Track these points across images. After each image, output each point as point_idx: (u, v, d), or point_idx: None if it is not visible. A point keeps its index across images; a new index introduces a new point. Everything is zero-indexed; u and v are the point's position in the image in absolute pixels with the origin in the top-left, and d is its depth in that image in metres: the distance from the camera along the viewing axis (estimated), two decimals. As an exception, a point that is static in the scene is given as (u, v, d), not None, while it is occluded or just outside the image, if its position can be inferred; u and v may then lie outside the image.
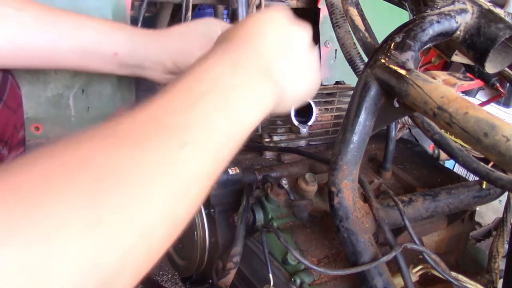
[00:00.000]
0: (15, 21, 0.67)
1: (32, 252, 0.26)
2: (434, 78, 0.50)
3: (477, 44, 0.55)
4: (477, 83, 0.98)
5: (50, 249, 0.27)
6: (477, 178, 0.66)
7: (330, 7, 0.71)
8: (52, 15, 0.70)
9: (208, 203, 0.74)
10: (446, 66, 1.45)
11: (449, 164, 1.42)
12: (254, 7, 1.03)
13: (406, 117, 0.89)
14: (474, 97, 1.69)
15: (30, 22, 0.68)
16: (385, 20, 1.14)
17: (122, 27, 0.76)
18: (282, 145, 0.89)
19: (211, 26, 0.80)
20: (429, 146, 1.12)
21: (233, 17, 1.13)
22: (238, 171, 0.76)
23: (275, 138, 0.89)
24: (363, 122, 0.54)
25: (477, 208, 0.80)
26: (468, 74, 0.85)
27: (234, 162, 0.78)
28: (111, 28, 0.74)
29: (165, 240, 0.36)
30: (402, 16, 1.15)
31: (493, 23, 0.54)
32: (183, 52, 0.77)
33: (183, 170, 0.37)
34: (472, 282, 0.58)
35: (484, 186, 0.74)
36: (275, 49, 0.52)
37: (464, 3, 0.56)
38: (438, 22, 0.54)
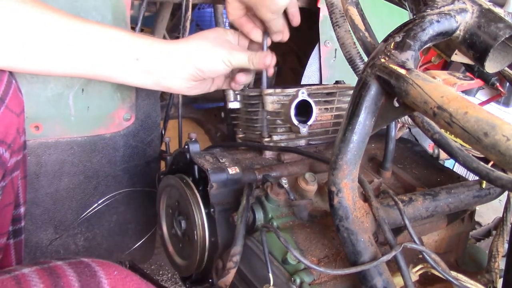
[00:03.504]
0: (40, 21, 0.67)
1: None
2: (434, 77, 0.50)
3: (477, 43, 0.55)
4: (477, 82, 0.98)
5: None
6: (477, 178, 0.66)
7: (330, 6, 0.71)
8: (76, 20, 0.71)
9: (208, 203, 0.74)
10: (446, 65, 1.45)
11: (449, 163, 1.42)
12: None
13: (406, 117, 0.89)
14: (474, 96, 1.69)
15: (55, 22, 0.69)
16: (385, 20, 1.14)
17: (143, 35, 0.77)
18: (282, 144, 0.89)
19: (220, 32, 0.84)
20: (429, 146, 1.12)
21: (233, 16, 1.13)
22: (238, 170, 0.76)
23: (275, 137, 0.89)
24: (363, 121, 0.54)
25: (477, 208, 0.80)
26: (468, 74, 0.85)
27: (234, 162, 0.79)
28: (132, 35, 0.76)
29: None
30: (402, 15, 1.15)
31: (493, 23, 0.54)
32: (202, 56, 0.79)
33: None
34: (472, 281, 0.58)
35: (484, 186, 0.74)
36: None
37: (464, 2, 0.56)
38: (438, 21, 0.54)
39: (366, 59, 0.59)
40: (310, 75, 1.16)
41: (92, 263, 0.52)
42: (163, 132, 1.07)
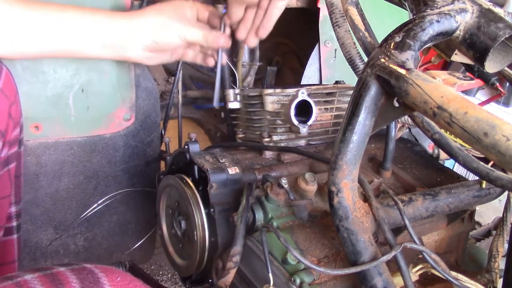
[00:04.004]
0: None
1: None
2: (434, 77, 0.50)
3: (477, 43, 0.55)
4: (476, 82, 0.98)
5: None
6: (477, 178, 0.66)
7: (330, 6, 0.71)
8: (38, 2, 0.75)
9: (208, 203, 0.74)
10: (446, 65, 1.45)
11: (449, 163, 1.42)
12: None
13: (406, 117, 0.89)
14: (474, 96, 1.69)
15: (19, 6, 0.72)
16: (385, 20, 1.14)
17: (102, 11, 0.81)
18: (282, 144, 0.89)
19: (177, 6, 0.85)
20: (429, 146, 1.12)
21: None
22: (237, 170, 0.76)
23: (275, 137, 0.89)
24: (363, 121, 0.54)
25: (477, 208, 0.80)
26: (468, 74, 0.85)
27: (234, 162, 0.79)
28: (93, 12, 0.79)
29: None
30: (402, 15, 1.15)
31: (493, 23, 0.54)
32: (159, 27, 0.82)
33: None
34: (472, 281, 0.58)
35: (484, 186, 0.74)
36: None
37: (464, 2, 0.56)
38: (438, 21, 0.54)
39: (366, 59, 0.59)
40: (310, 75, 1.16)
41: (95, 269, 0.51)
42: (163, 132, 1.07)
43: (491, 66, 0.57)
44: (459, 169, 1.30)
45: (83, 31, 0.78)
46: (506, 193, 0.76)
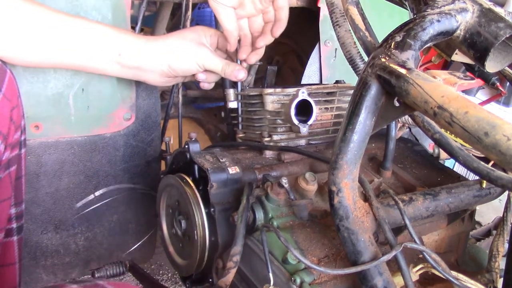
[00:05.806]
0: (29, 15, 0.72)
1: None
2: (434, 77, 0.50)
3: (478, 43, 0.55)
4: (477, 82, 0.98)
5: None
6: (477, 177, 0.66)
7: (330, 6, 0.71)
8: (64, 15, 0.76)
9: (208, 202, 0.74)
10: (446, 65, 1.45)
11: (449, 163, 1.42)
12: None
13: (406, 116, 0.89)
14: (474, 96, 1.69)
15: (44, 16, 0.73)
16: (385, 19, 1.14)
17: (126, 31, 0.82)
18: (282, 144, 0.89)
19: (199, 33, 0.86)
20: (429, 145, 1.12)
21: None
22: (238, 170, 0.76)
23: (275, 137, 0.89)
24: (363, 121, 0.54)
25: (477, 207, 0.80)
26: (468, 73, 0.85)
27: (234, 161, 0.79)
28: (116, 31, 0.80)
29: None
30: (402, 15, 1.15)
31: (493, 22, 0.54)
32: (177, 56, 0.83)
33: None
34: (472, 281, 0.58)
35: (484, 185, 0.74)
36: None
37: (464, 2, 0.56)
38: (438, 21, 0.54)
39: (366, 58, 0.59)
40: (310, 74, 1.16)
41: (108, 286, 0.51)
42: (163, 132, 1.07)
43: (491, 65, 0.57)
44: (459, 169, 1.30)
45: (105, 51, 0.78)
46: (506, 192, 0.76)
